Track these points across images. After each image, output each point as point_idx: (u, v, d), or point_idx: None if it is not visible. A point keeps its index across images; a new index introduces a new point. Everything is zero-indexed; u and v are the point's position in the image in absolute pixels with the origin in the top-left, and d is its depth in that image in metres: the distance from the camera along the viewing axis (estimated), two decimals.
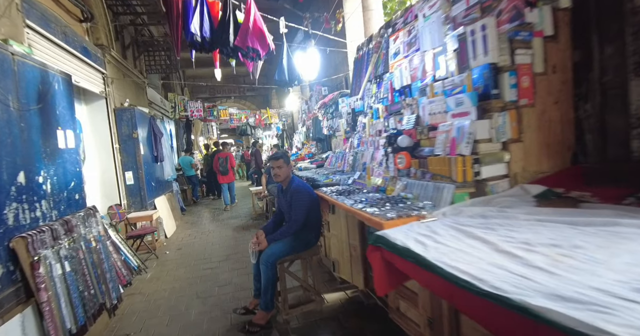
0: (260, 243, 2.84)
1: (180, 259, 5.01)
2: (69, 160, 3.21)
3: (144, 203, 5.85)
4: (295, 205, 2.84)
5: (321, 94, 7.32)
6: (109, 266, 3.40)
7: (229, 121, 8.22)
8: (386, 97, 3.30)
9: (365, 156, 3.32)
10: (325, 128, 6.07)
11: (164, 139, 7.40)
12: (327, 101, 5.24)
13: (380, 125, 3.21)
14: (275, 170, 2.94)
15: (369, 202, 2.25)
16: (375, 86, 3.97)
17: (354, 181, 3.17)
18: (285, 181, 2.98)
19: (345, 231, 3.32)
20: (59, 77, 3.17)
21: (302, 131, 9.28)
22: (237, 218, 7.65)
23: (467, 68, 2.23)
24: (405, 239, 1.56)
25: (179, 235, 6.54)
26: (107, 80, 5.55)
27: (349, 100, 4.62)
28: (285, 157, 2.96)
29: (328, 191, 2.92)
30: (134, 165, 5.83)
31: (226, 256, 4.94)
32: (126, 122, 5.79)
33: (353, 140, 4.10)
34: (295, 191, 2.85)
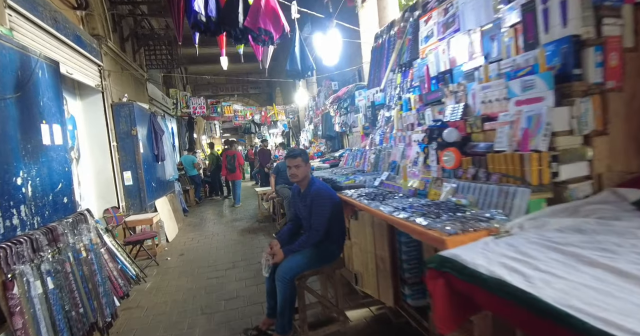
0: (276, 255, 2.42)
1: (183, 266, 4.61)
2: (55, 158, 2.80)
3: (144, 205, 5.45)
4: (316, 212, 2.43)
5: (331, 89, 6.91)
6: (102, 278, 3.00)
7: (233, 118, 7.82)
8: (418, 85, 2.88)
9: (394, 154, 2.90)
10: (338, 125, 5.65)
11: (165, 137, 7.00)
12: (342, 95, 4.82)
13: (413, 118, 2.79)
14: (292, 169, 2.52)
15: (414, 209, 1.83)
16: (400, 75, 3.55)
17: (382, 182, 2.75)
18: (304, 182, 2.57)
19: (370, 240, 2.91)
20: (43, 63, 2.77)
21: (309, 129, 8.86)
22: (243, 221, 7.24)
23: (535, 44, 1.80)
24: (489, 264, 1.15)
25: (181, 238, 6.15)
26: (103, 73, 5.15)
27: (367, 92, 4.20)
28: (304, 154, 2.55)
29: (354, 195, 2.50)
30: (133, 165, 5.43)
31: (232, 263, 4.53)
32: (124, 118, 5.39)
33: (374, 136, 3.68)
34: (316, 195, 2.44)
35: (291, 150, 2.60)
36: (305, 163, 2.53)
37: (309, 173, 2.60)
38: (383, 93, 3.89)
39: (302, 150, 2.62)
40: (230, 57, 14.07)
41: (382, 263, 2.81)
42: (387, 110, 3.62)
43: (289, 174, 2.57)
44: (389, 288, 2.76)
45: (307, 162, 2.55)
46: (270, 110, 8.35)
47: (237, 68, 16.16)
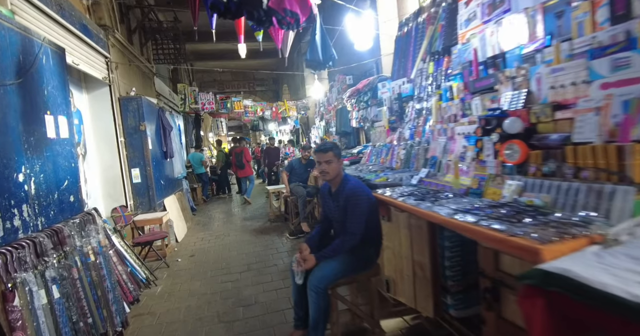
0: (307, 261, 2.16)
1: (194, 269, 4.37)
2: (61, 153, 2.56)
3: (153, 204, 5.22)
4: (351, 213, 2.16)
5: (345, 83, 6.63)
6: (111, 284, 2.75)
7: (243, 114, 7.56)
8: (460, 72, 2.60)
9: (433, 149, 2.63)
10: (355, 120, 5.38)
11: (174, 133, 6.77)
12: (362, 87, 4.55)
13: (455, 109, 2.51)
14: (322, 165, 2.26)
15: (481, 211, 1.57)
16: (432, 64, 3.27)
17: (421, 180, 2.48)
18: (336, 180, 2.31)
19: (406, 244, 2.64)
20: (48, 48, 2.52)
21: (320, 125, 8.59)
22: (253, 220, 7.00)
23: (627, 16, 1.53)
24: (624, 284, 0.88)
25: (190, 238, 5.91)
26: (110, 65, 4.91)
27: (392, 84, 3.92)
28: (336, 148, 2.29)
29: (394, 194, 2.23)
30: (142, 161, 5.19)
31: (247, 266, 4.28)
32: (132, 113, 5.16)
33: (403, 130, 3.41)
34: (351, 194, 2.18)
35: (322, 143, 2.33)
36: (338, 159, 2.27)
37: (342, 170, 2.33)
38: (411, 85, 3.62)
39: (334, 143, 2.35)
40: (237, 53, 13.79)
41: (420, 270, 2.55)
42: (418, 102, 3.34)
43: (319, 171, 2.30)
44: (428, 297, 2.50)
45: (339, 157, 2.29)
46: (281, 105, 8.09)
47: (244, 64, 15.95)
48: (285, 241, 5.22)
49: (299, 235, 5.34)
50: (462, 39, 2.73)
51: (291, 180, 5.66)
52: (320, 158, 2.26)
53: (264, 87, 16.72)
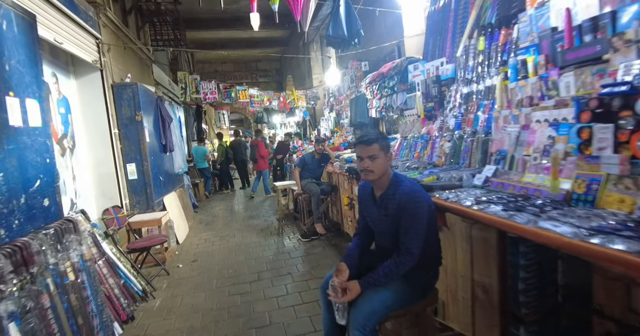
0: (351, 291, 1.63)
1: (198, 277, 3.87)
2: (30, 145, 2.03)
3: (151, 202, 4.71)
4: (409, 226, 1.64)
5: (360, 70, 6.06)
6: (97, 306, 2.25)
7: (248, 105, 7.01)
8: (536, 43, 2.05)
9: (499, 140, 2.09)
10: (375, 110, 4.83)
11: (174, 125, 6.23)
12: (387, 71, 3.99)
13: (532, 89, 1.97)
14: (364, 162, 1.72)
15: (627, 233, 1.04)
16: (483, 40, 2.72)
17: (487, 180, 1.95)
18: (382, 181, 1.77)
19: (464, 260, 2.12)
20: (10, 11, 1.98)
21: (329, 117, 8.04)
22: (260, 218, 6.49)
23: None
24: None
25: (192, 240, 5.41)
26: (102, 47, 4.36)
27: (427, 65, 3.37)
28: (383, 139, 1.74)
29: (465, 201, 1.69)
30: (138, 156, 4.67)
31: (257, 274, 3.78)
32: (127, 102, 4.61)
33: (445, 119, 2.87)
34: (408, 201, 1.64)
35: (364, 133, 1.78)
36: (385, 153, 1.73)
37: (390, 168, 1.79)
38: (453, 65, 3.07)
39: (380, 133, 1.81)
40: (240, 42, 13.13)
41: (483, 293, 2.03)
42: (465, 84, 2.79)
43: (360, 169, 1.77)
44: (493, 326, 1.98)
45: (387, 150, 1.75)
46: (290, 95, 7.52)
47: (246, 55, 15.33)
48: (298, 244, 4.71)
49: (312, 237, 4.82)
50: (533, 3, 2.17)
51: (303, 176, 5.13)
52: (363, 152, 1.73)
53: (267, 78, 16.11)
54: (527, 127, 1.93)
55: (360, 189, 1.98)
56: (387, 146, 1.75)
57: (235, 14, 11.27)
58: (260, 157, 8.22)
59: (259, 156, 8.20)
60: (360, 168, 1.77)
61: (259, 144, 8.27)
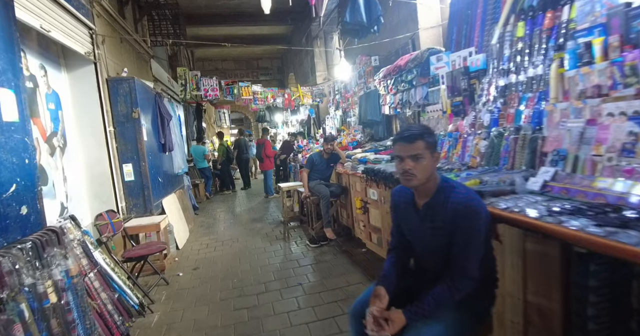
0: (394, 323, 1.32)
1: (200, 287, 3.56)
2: (4, 144, 1.72)
3: (149, 205, 4.39)
4: (464, 242, 1.34)
5: (370, 65, 5.74)
6: (85, 330, 1.94)
7: (251, 102, 6.69)
8: (598, 25, 1.73)
9: (556, 138, 1.78)
10: (388, 106, 4.51)
11: (173, 123, 5.91)
12: (404, 64, 3.68)
13: (600, 77, 1.66)
14: (405, 163, 1.40)
15: None
16: (522, 25, 2.41)
17: (545, 185, 1.64)
18: (427, 187, 1.45)
19: (515, 276, 1.81)
20: None
21: (336, 115, 7.72)
22: (264, 221, 6.18)
23: None
24: None
25: (193, 244, 5.09)
26: (96, 38, 4.04)
27: (452, 56, 3.06)
28: (429, 135, 1.42)
29: (530, 212, 1.39)
30: (135, 156, 4.35)
31: (264, 285, 3.46)
32: (124, 97, 4.30)
33: (479, 114, 2.56)
34: (466, 212, 1.33)
35: (404, 127, 1.46)
36: (432, 153, 1.42)
37: (436, 171, 1.48)
38: (483, 55, 2.76)
39: (424, 127, 1.47)
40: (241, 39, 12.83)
41: (539, 317, 1.72)
42: (502, 76, 2.48)
43: (399, 171, 1.46)
44: None
45: (434, 149, 1.44)
46: (295, 92, 7.20)
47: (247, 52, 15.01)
48: (306, 250, 4.40)
49: (321, 243, 4.51)
50: None
51: (311, 177, 4.82)
52: (403, 151, 1.42)
53: (269, 76, 15.77)
54: (594, 122, 1.62)
55: (395, 195, 1.67)
56: (433, 143, 1.44)
57: (236, 10, 10.95)
58: (266, 156, 7.94)
59: (264, 155, 7.92)
60: (399, 171, 1.46)
61: (266, 143, 8.01)
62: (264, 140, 8.22)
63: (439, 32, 4.62)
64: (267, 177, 8.21)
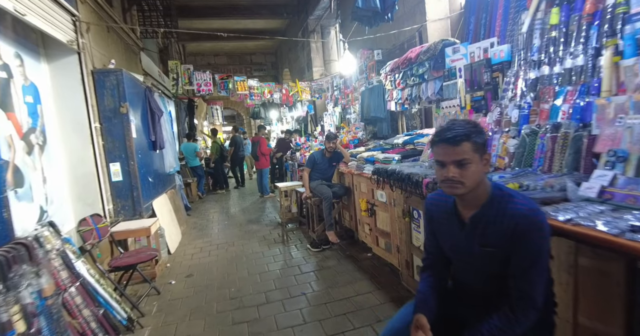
0: None
1: (194, 297, 3.28)
2: None
3: (138, 207, 4.08)
4: (528, 263, 1.10)
5: (372, 60, 5.48)
6: None
7: (247, 97, 6.39)
8: None
9: (609, 137, 1.55)
10: (395, 102, 4.26)
11: (165, 119, 5.59)
12: (415, 57, 3.42)
13: None
14: (449, 170, 1.14)
15: None
16: (556, 12, 2.17)
17: (602, 192, 1.41)
18: (476, 195, 1.20)
19: (563, 297, 1.58)
20: None
21: (334, 112, 7.46)
22: (261, 223, 5.90)
23: None
24: None
25: (186, 248, 4.80)
26: (79, 25, 3.71)
27: (471, 48, 2.81)
28: (477, 134, 1.16)
29: (606, 227, 1.14)
30: (123, 154, 4.04)
31: (264, 294, 3.20)
32: (110, 91, 3.98)
33: (505, 110, 2.32)
34: (530, 227, 1.08)
35: (448, 125, 1.20)
36: (481, 156, 1.17)
37: (486, 176, 1.23)
38: (508, 46, 2.52)
39: (474, 124, 1.20)
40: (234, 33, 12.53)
41: None
42: (532, 67, 2.25)
43: (441, 179, 1.20)
44: None
45: (484, 151, 1.19)
46: (293, 87, 6.90)
47: (240, 47, 14.64)
48: (308, 255, 4.14)
49: (323, 247, 4.26)
50: None
51: (312, 177, 4.56)
52: (446, 155, 1.16)
53: (262, 72, 15.40)
54: None
55: (431, 204, 1.41)
56: (483, 144, 1.19)
57: (230, 2, 10.60)
58: (262, 154, 7.65)
59: (260, 153, 7.63)
60: (441, 178, 1.20)
61: (261, 140, 7.71)
62: (259, 137, 7.92)
63: (447, 25, 4.38)
64: (263, 176, 7.93)
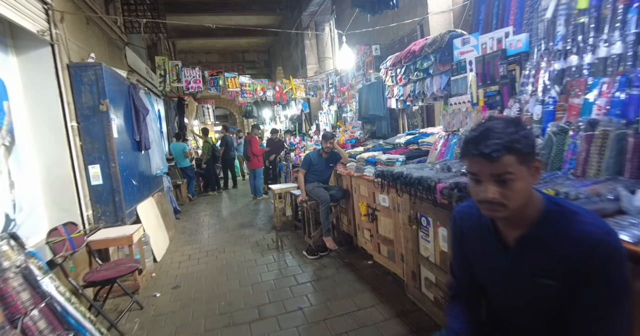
0: None
1: (181, 312, 2.99)
2: None
3: (120, 213, 3.77)
4: (603, 303, 0.85)
5: (370, 55, 5.23)
6: None
7: (239, 95, 6.09)
8: None
9: None
10: (396, 99, 4.01)
11: (151, 118, 5.27)
12: (419, 50, 3.17)
13: None
14: (487, 188, 0.88)
15: None
16: None
17: None
18: (523, 214, 0.94)
19: None
20: None
21: (330, 111, 7.19)
22: (254, 227, 5.61)
23: None
24: None
25: (173, 256, 4.50)
26: (53, 15, 3.39)
27: (482, 39, 2.57)
28: (523, 140, 0.89)
29: None
30: (103, 155, 3.72)
31: (258, 309, 2.92)
32: (89, 87, 3.66)
33: (527, 107, 2.07)
34: (606, 253, 0.84)
35: (482, 130, 0.93)
36: (529, 166, 0.91)
37: (535, 191, 0.97)
38: (526, 35, 2.28)
39: (516, 125, 0.92)
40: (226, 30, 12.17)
41: None
42: (558, 58, 2.00)
43: (477, 198, 0.94)
44: None
45: (532, 159, 0.92)
46: (287, 84, 6.61)
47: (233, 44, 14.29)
48: (304, 263, 3.86)
49: (320, 254, 3.99)
50: None
51: (308, 179, 4.29)
52: (481, 168, 0.90)
53: (255, 70, 15.05)
54: None
55: (460, 217, 1.15)
56: (531, 151, 0.92)
57: None
58: (253, 155, 7.36)
59: (251, 153, 7.34)
60: (477, 198, 0.94)
61: (253, 140, 7.41)
62: (251, 137, 7.63)
63: (450, 17, 4.15)
64: (257, 177, 7.64)
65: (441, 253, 2.33)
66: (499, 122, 0.94)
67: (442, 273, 2.34)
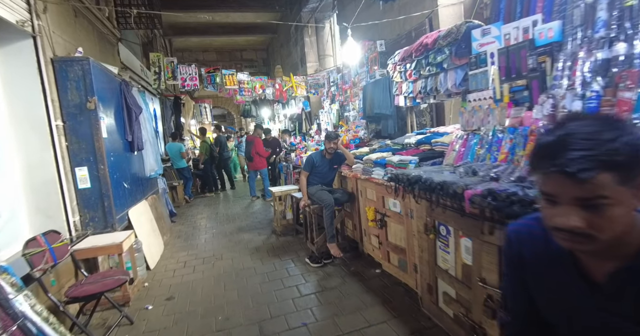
0: None
1: (174, 328, 2.73)
2: None
3: (110, 219, 3.51)
4: None
5: (375, 51, 4.99)
6: None
7: (237, 93, 5.83)
8: None
9: None
10: (405, 96, 3.77)
11: (144, 117, 5.01)
12: (432, 43, 2.93)
13: None
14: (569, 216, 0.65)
15: None
16: None
17: None
18: (621, 244, 0.70)
19: None
20: None
21: (331, 109, 6.94)
22: (253, 231, 5.35)
23: None
24: None
25: (168, 262, 4.24)
26: (35, 4, 3.12)
27: (507, 28, 2.32)
28: (625, 149, 0.64)
29: None
30: (91, 157, 3.46)
31: (258, 324, 2.67)
32: (75, 83, 3.39)
33: (562, 102, 1.83)
34: None
35: (562, 136, 0.68)
36: (632, 185, 0.65)
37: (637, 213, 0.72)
38: (559, 23, 2.03)
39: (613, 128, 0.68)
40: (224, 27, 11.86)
41: None
42: (601, 47, 1.76)
43: (551, 222, 0.69)
44: None
45: (636, 174, 0.66)
46: (287, 82, 6.36)
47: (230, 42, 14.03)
48: (307, 272, 3.61)
49: (325, 261, 3.74)
50: None
51: (311, 181, 4.04)
52: (562, 188, 0.66)
53: (253, 69, 14.78)
54: None
55: (517, 238, 0.90)
56: (632, 165, 0.65)
57: None
58: (257, 155, 7.11)
59: (254, 153, 7.08)
60: (552, 224, 0.70)
61: (256, 141, 7.16)
62: (254, 137, 7.38)
63: (460, 10, 3.91)
64: (264, 178, 7.45)
65: (463, 267, 2.09)
66: (587, 123, 0.68)
67: (464, 289, 2.10)
